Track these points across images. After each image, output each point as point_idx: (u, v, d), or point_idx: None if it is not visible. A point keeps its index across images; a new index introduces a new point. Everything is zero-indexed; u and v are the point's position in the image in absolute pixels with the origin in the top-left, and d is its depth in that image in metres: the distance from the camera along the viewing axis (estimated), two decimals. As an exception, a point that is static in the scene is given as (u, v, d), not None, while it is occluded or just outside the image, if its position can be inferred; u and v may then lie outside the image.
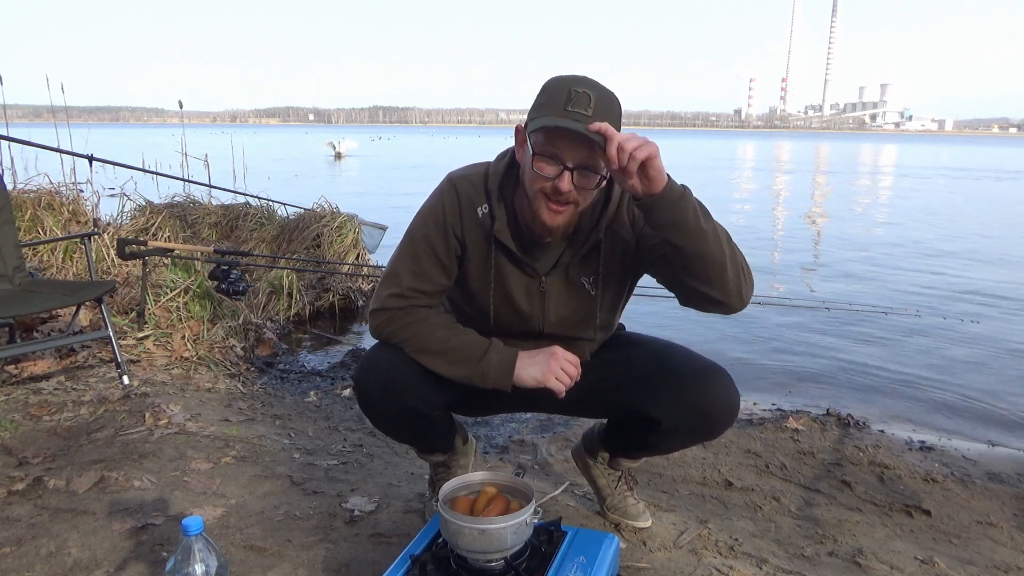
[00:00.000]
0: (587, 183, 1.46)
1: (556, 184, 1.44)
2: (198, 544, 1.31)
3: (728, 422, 1.70)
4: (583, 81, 1.43)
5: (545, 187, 1.46)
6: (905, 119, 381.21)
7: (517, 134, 1.55)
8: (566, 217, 1.50)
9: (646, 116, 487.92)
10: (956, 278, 7.55)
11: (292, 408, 3.19)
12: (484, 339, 1.63)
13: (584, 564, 1.49)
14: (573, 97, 1.40)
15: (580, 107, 1.39)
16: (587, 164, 1.43)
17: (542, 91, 1.46)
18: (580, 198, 1.48)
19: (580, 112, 1.39)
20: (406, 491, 2.21)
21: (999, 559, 2.20)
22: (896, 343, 5.07)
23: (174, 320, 3.91)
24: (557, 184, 1.44)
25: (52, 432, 2.57)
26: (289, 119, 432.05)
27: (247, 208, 6.89)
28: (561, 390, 1.60)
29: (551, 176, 1.44)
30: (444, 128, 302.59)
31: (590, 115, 1.39)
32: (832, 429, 3.26)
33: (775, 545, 2.10)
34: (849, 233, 11.16)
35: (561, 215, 1.49)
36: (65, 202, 5.34)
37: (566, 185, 1.44)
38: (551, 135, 1.42)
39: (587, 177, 1.45)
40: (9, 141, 4.94)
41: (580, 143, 1.40)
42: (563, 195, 1.45)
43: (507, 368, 1.59)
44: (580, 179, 1.45)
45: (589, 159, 1.42)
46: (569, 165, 1.43)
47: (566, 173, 1.43)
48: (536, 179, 1.47)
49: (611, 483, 2.02)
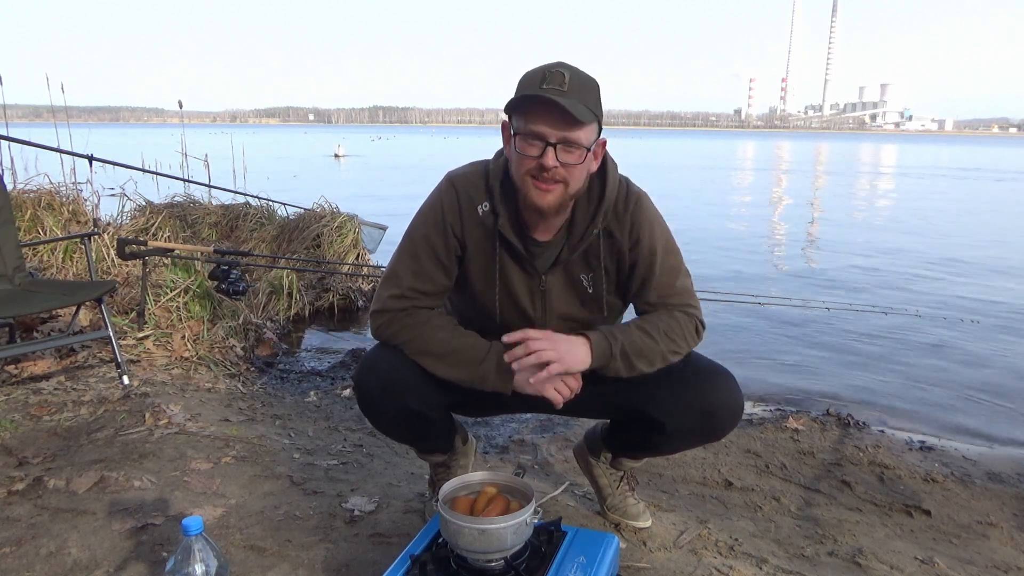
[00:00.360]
0: (571, 158, 1.47)
1: (541, 162, 1.46)
2: (198, 544, 1.31)
3: (732, 424, 1.69)
4: (558, 64, 1.47)
5: (531, 167, 1.48)
6: (905, 119, 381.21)
7: (504, 130, 1.56)
8: (556, 196, 1.51)
9: (646, 116, 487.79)
10: (956, 278, 7.56)
11: (292, 408, 3.19)
12: (485, 342, 1.63)
13: (584, 564, 1.49)
14: (547, 76, 1.44)
15: (554, 83, 1.43)
16: (568, 139, 1.45)
17: (520, 81, 1.49)
18: (568, 176, 1.49)
19: (555, 88, 1.43)
20: (406, 491, 2.21)
21: (999, 559, 2.21)
22: (896, 343, 5.07)
23: (174, 320, 3.91)
24: (542, 161, 1.46)
25: (52, 432, 2.56)
26: (289, 119, 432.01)
27: (247, 208, 6.89)
28: (558, 401, 1.60)
29: (535, 155, 1.46)
30: (444, 128, 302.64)
31: (565, 90, 1.42)
32: (832, 429, 3.26)
33: (775, 545, 2.10)
34: (849, 233, 11.16)
35: (551, 193, 1.50)
36: (65, 202, 5.34)
37: (551, 160, 1.45)
38: (530, 115, 1.45)
39: (570, 151, 1.47)
40: (9, 141, 4.94)
41: (558, 117, 1.43)
42: (549, 171, 1.46)
43: (507, 371, 1.59)
44: (563, 154, 1.46)
45: (569, 133, 1.45)
46: (551, 141, 1.45)
47: (549, 149, 1.45)
48: (522, 161, 1.49)
49: (612, 483, 2.02)
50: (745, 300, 5.66)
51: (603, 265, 1.65)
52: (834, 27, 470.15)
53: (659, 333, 1.61)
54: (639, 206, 1.63)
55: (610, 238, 1.63)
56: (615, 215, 1.62)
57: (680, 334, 1.63)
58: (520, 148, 1.48)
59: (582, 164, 1.50)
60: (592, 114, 1.46)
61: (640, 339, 1.60)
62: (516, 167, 1.52)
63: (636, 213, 1.62)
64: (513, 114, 1.50)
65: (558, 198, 1.51)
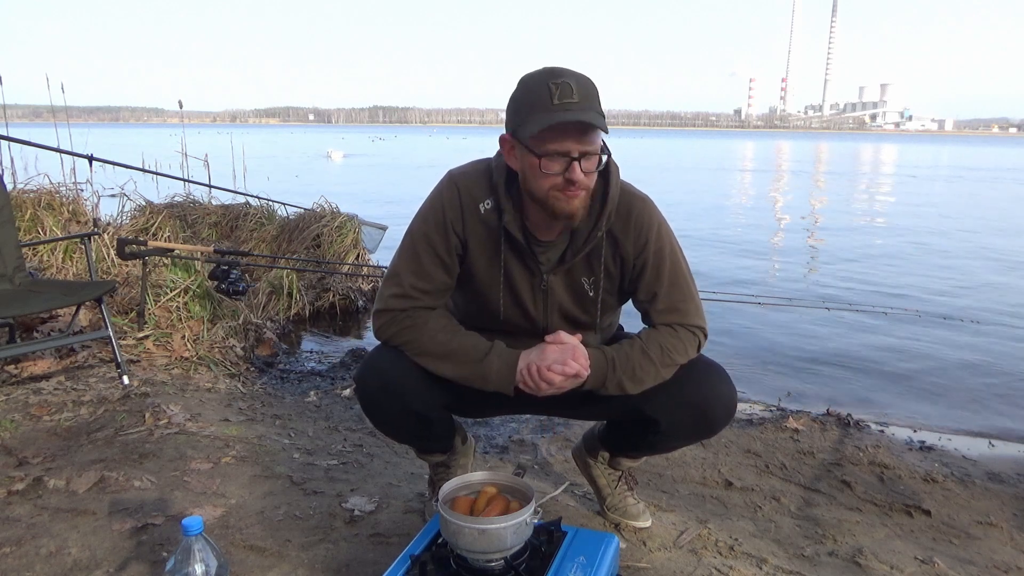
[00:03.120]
0: (591, 165, 1.49)
1: (568, 177, 1.46)
2: (198, 544, 1.31)
3: (726, 419, 1.70)
4: (557, 72, 1.46)
5: (556, 183, 1.48)
6: (905, 119, 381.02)
7: (503, 144, 1.55)
8: (582, 200, 1.53)
9: (646, 116, 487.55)
10: (956, 278, 7.56)
11: (292, 408, 3.19)
12: (487, 342, 1.63)
13: (584, 564, 1.49)
14: (555, 90, 1.43)
15: (567, 97, 1.43)
16: (588, 151, 1.47)
17: (520, 94, 1.48)
18: (589, 181, 1.51)
19: (569, 101, 1.43)
20: (406, 491, 2.21)
21: (999, 559, 2.20)
22: (896, 343, 5.07)
23: (174, 320, 3.91)
24: (569, 176, 1.46)
25: (52, 432, 2.56)
26: (289, 119, 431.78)
27: (247, 208, 6.88)
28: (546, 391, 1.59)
29: (561, 171, 1.46)
30: (445, 128, 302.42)
31: (577, 101, 1.43)
32: (832, 429, 3.26)
33: (775, 545, 2.10)
34: (849, 233, 11.16)
35: (577, 199, 1.51)
36: (65, 202, 5.34)
37: (579, 174, 1.46)
38: (551, 132, 1.44)
39: (591, 160, 1.48)
40: (9, 141, 4.94)
41: (580, 133, 1.44)
42: (576, 183, 1.47)
43: (509, 371, 1.59)
44: (586, 164, 1.48)
45: (590, 146, 1.46)
46: (575, 155, 1.45)
47: (575, 163, 1.46)
48: (546, 179, 1.48)
49: (611, 483, 2.02)
50: (745, 300, 5.66)
51: (605, 268, 1.65)
52: (834, 27, 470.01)
53: (661, 354, 1.62)
54: (644, 210, 1.63)
55: (614, 242, 1.63)
56: (619, 218, 1.62)
57: (681, 352, 1.65)
58: (545, 168, 1.47)
59: (598, 168, 1.52)
60: (604, 120, 1.48)
61: (639, 363, 1.62)
62: (538, 183, 1.50)
63: (642, 217, 1.62)
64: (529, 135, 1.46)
65: (584, 202, 1.53)
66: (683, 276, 1.68)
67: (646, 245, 1.63)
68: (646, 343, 1.64)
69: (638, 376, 1.62)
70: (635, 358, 1.61)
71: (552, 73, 1.46)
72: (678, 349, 1.64)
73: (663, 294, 1.66)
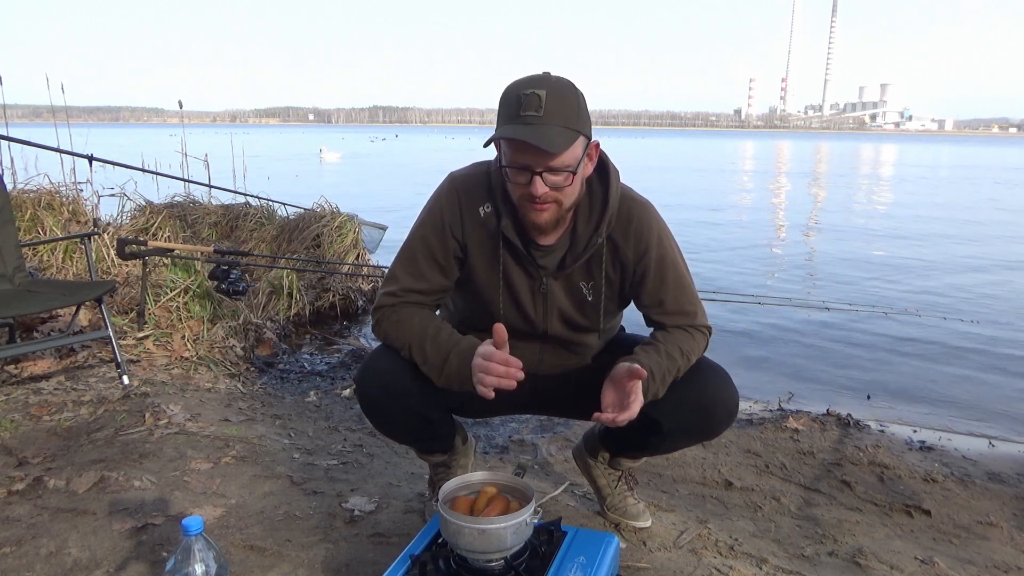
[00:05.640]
0: (559, 181, 1.47)
1: (529, 190, 1.47)
2: (198, 544, 1.31)
3: (728, 421, 1.70)
4: (534, 81, 1.44)
5: (523, 193, 1.49)
6: (905, 119, 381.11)
7: (497, 145, 1.56)
8: (551, 214, 1.52)
9: (646, 116, 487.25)
10: (956, 278, 7.56)
11: (292, 408, 3.19)
12: (454, 339, 1.58)
13: (584, 564, 1.49)
14: (523, 101, 1.42)
15: (531, 110, 1.42)
16: (551, 166, 1.45)
17: (501, 99, 1.48)
18: (559, 195, 1.49)
19: (532, 115, 1.41)
20: (406, 491, 2.21)
21: (999, 559, 2.20)
22: (896, 343, 5.07)
23: (174, 320, 3.91)
24: (530, 190, 1.46)
25: (52, 432, 2.56)
26: (289, 119, 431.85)
27: (247, 208, 6.88)
28: (487, 394, 1.51)
29: (524, 183, 1.47)
30: (446, 128, 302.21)
31: (541, 115, 1.41)
32: (832, 429, 3.26)
33: (775, 545, 2.10)
34: (849, 233, 11.17)
35: (545, 212, 1.51)
36: (65, 202, 5.34)
37: (539, 189, 1.46)
38: (511, 145, 1.45)
39: (556, 175, 1.46)
40: (9, 141, 4.94)
41: (537, 150, 1.42)
42: (539, 197, 1.47)
43: (465, 373, 1.54)
44: (550, 178, 1.46)
45: (551, 162, 1.44)
46: (536, 170, 1.45)
47: (535, 178, 1.45)
48: (514, 188, 1.51)
49: (611, 483, 2.02)
50: (745, 300, 5.66)
51: (605, 274, 1.65)
52: (834, 27, 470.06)
53: (682, 356, 1.63)
54: (644, 216, 1.63)
55: (614, 248, 1.63)
56: (619, 224, 1.61)
57: (697, 352, 1.67)
58: (510, 176, 1.49)
59: (571, 184, 1.50)
60: (571, 135, 1.44)
61: (668, 369, 1.60)
62: (512, 191, 1.53)
63: (642, 224, 1.62)
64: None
65: (553, 215, 1.53)
66: (686, 280, 1.69)
67: (647, 252, 1.63)
68: (668, 347, 1.63)
69: (667, 381, 1.62)
70: (664, 365, 1.61)
71: (529, 82, 1.44)
72: (695, 350, 1.67)
73: (670, 299, 1.66)
